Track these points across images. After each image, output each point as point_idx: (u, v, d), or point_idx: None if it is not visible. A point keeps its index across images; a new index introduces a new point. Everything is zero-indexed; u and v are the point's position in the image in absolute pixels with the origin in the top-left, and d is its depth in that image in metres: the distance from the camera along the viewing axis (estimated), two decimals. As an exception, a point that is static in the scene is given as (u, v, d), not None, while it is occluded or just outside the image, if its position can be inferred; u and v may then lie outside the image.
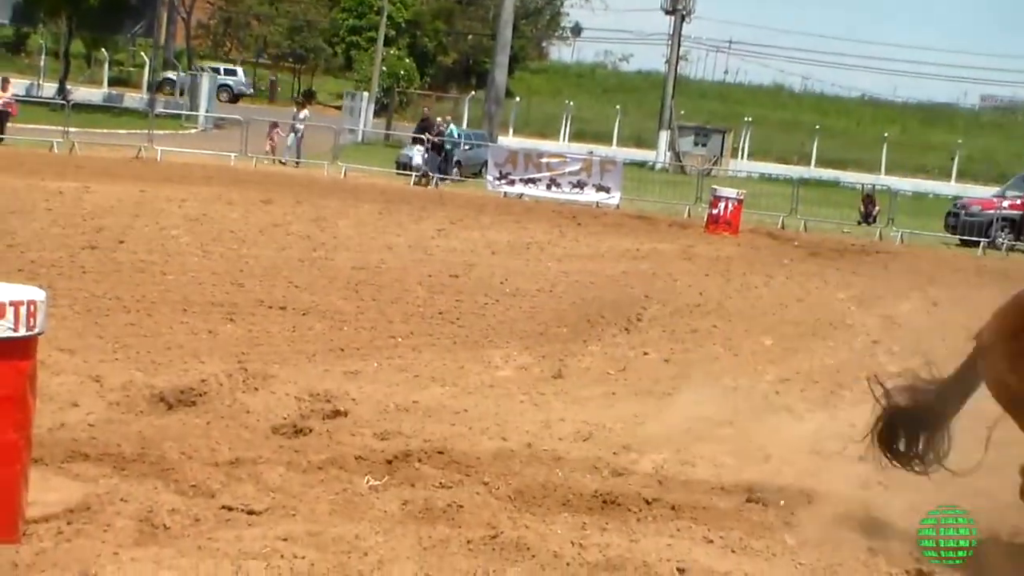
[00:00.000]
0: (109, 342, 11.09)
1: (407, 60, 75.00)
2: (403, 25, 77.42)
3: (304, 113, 42.86)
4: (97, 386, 9.16)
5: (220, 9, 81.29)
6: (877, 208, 37.31)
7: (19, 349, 5.81)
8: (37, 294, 5.94)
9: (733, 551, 6.82)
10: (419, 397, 9.79)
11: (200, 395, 9.06)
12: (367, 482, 7.48)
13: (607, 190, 35.25)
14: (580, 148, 51.81)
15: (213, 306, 13.59)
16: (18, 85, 47.50)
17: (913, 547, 6.53)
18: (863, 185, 43.80)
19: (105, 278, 14.61)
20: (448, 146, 40.56)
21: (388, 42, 69.92)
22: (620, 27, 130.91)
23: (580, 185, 35.46)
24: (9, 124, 37.39)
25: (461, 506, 7.03)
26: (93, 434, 7.92)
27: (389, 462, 7.83)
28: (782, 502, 7.64)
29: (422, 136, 40.08)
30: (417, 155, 39.34)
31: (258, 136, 40.41)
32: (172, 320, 12.56)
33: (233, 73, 68.90)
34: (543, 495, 7.44)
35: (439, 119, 43.54)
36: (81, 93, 57.17)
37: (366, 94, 60.39)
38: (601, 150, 50.30)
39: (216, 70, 68.58)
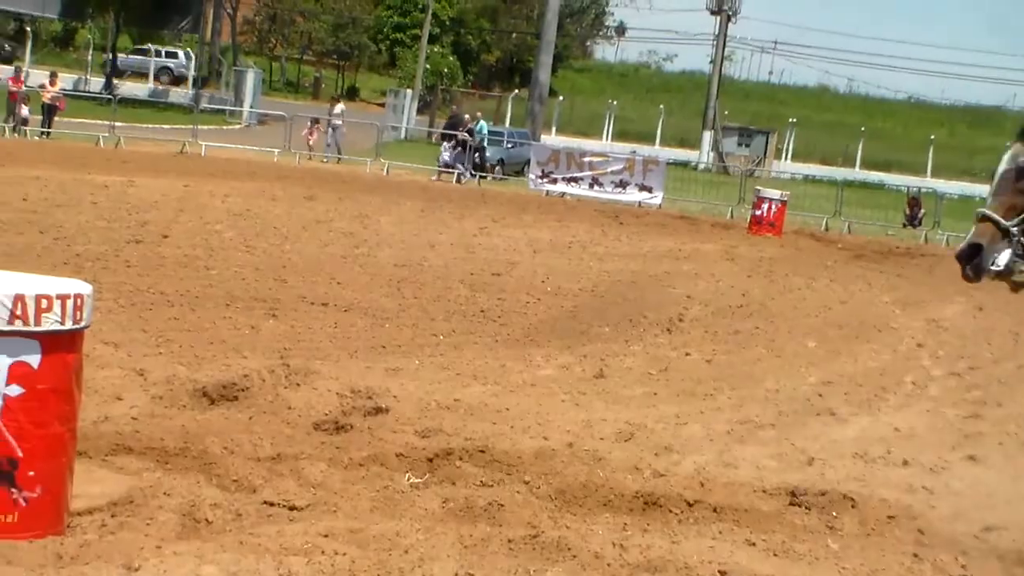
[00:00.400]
0: (153, 336, 11.17)
1: (451, 58, 75.11)
2: (447, 23, 77.60)
3: (339, 107, 43.03)
4: (141, 380, 9.21)
5: (266, 6, 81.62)
6: (922, 211, 37.03)
7: (65, 342, 5.84)
8: (83, 287, 5.97)
9: (775, 554, 6.78)
10: (461, 395, 9.78)
11: (242, 390, 9.08)
12: (408, 480, 7.47)
13: (650, 190, 35.15)
14: (623, 148, 51.64)
15: (256, 301, 13.66)
16: (66, 80, 47.91)
17: (958, 552, 6.48)
18: (908, 188, 43.52)
19: (149, 272, 14.71)
20: (478, 142, 40.56)
21: (432, 40, 70.13)
22: (665, 27, 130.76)
23: (623, 184, 35.39)
24: (56, 118, 37.74)
25: (502, 505, 7.02)
26: (137, 428, 7.96)
27: (430, 460, 7.82)
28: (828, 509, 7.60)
29: (452, 133, 40.20)
30: (446, 152, 39.52)
31: (303, 131, 40.68)
32: (215, 315, 12.63)
33: (174, 55, 69.03)
34: (584, 495, 7.42)
35: (467, 116, 43.59)
36: (127, 88, 57.55)
37: (409, 91, 60.52)
38: (644, 150, 50.15)
39: (158, 52, 68.87)
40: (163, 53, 69.58)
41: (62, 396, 5.87)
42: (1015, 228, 5.46)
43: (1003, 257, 5.50)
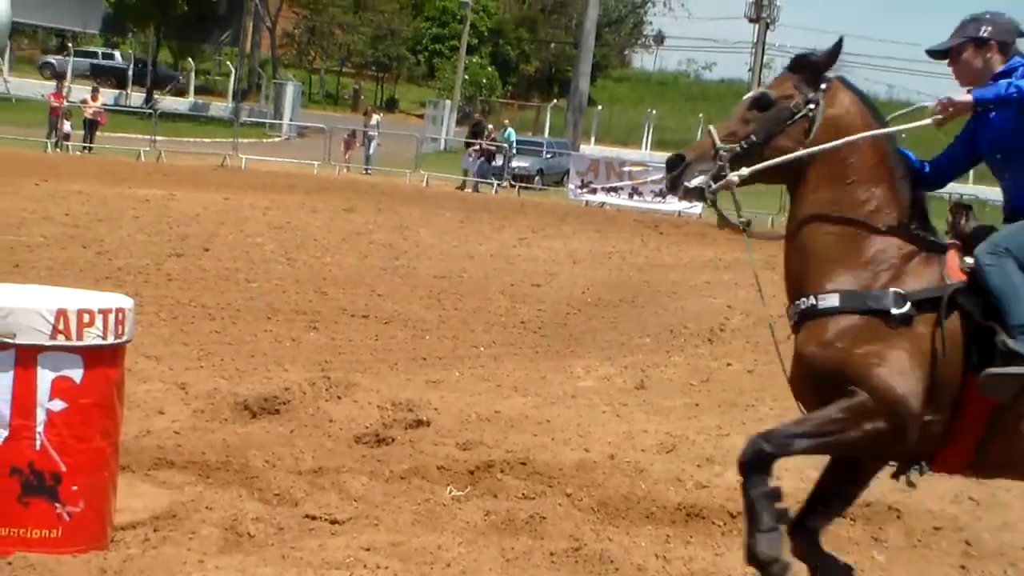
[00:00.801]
0: (194, 349, 11.20)
1: (489, 68, 75.29)
2: (486, 33, 77.72)
3: (375, 119, 43.20)
4: (182, 394, 9.24)
5: (304, 18, 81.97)
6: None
7: (107, 357, 5.88)
8: (125, 302, 6.01)
9: (820, 567, 6.74)
10: (501, 407, 9.75)
11: (283, 403, 9.10)
12: (449, 492, 7.48)
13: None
14: (663, 157, 51.32)
15: (297, 314, 13.68)
16: (107, 95, 48.28)
17: (1007, 564, 6.42)
18: (951, 194, 43.23)
19: (190, 285, 14.77)
20: (508, 150, 40.75)
21: (471, 50, 70.34)
22: (703, 35, 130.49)
23: (662, 194, 35.28)
24: (98, 133, 38.07)
25: (544, 517, 7.00)
26: (179, 441, 7.99)
27: (471, 472, 7.81)
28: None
29: (473, 142, 40.37)
30: (466, 160, 39.79)
31: (341, 144, 40.90)
32: (256, 328, 12.65)
33: (111, 57, 68.37)
34: (626, 507, 7.39)
35: (491, 125, 43.71)
36: (168, 102, 57.93)
37: (448, 102, 60.68)
38: (684, 159, 50.01)
39: (94, 54, 68.42)
40: (100, 54, 69.02)
41: (104, 410, 5.91)
42: (724, 152, 5.35)
43: (700, 178, 5.39)
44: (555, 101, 66.84)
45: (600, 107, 67.36)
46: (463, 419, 9.30)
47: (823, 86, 5.37)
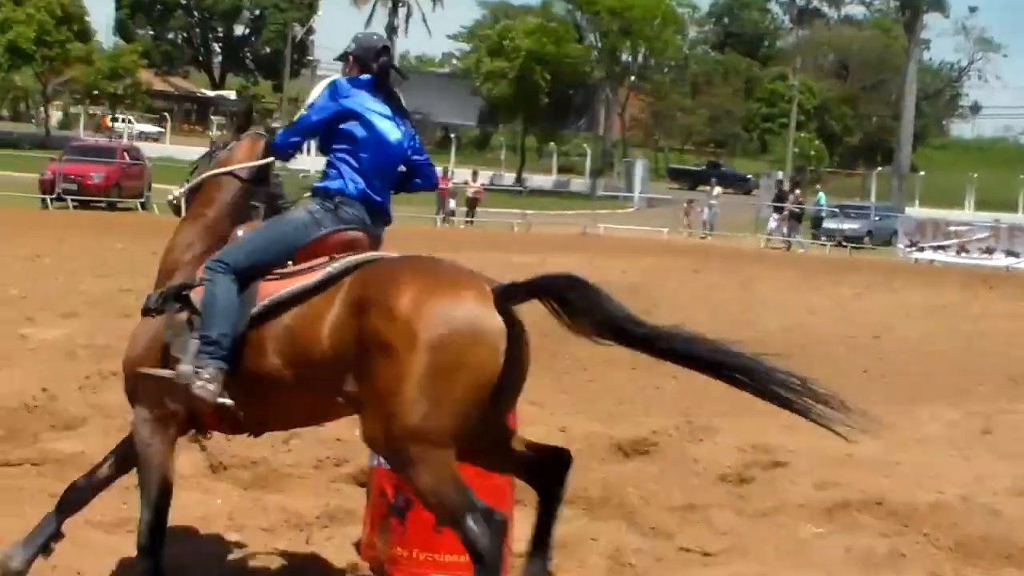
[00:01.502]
0: (571, 397, 11.20)
1: (816, 142, 73.87)
2: (812, 111, 76.40)
3: (717, 190, 43.31)
4: (563, 436, 9.17)
5: (650, 104, 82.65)
6: None
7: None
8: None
9: None
10: (852, 450, 9.14)
11: (652, 445, 8.93)
12: (809, 529, 7.15)
13: (1017, 255, 33.32)
14: (986, 216, 49.05)
15: (655, 364, 13.48)
16: (484, 176, 49.93)
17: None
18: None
19: (565, 340, 14.79)
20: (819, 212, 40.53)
21: (799, 126, 69.22)
22: (1020, 103, 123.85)
23: (989, 251, 33.81)
24: (478, 208, 39.43)
25: (903, 555, 6.59)
26: (564, 479, 7.94)
27: (828, 510, 7.45)
28: None
29: (780, 205, 39.61)
30: (772, 221, 39.23)
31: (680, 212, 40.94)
32: (623, 377, 12.52)
33: None
34: (984, 548, 6.85)
35: (798, 191, 42.84)
36: (535, 180, 59.41)
37: (781, 173, 59.82)
38: (1007, 217, 47.45)
39: None
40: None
41: (504, 451, 5.90)
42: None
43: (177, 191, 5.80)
44: (879, 168, 64.82)
45: (922, 173, 64.75)
46: (817, 461, 8.87)
47: (241, 137, 5.72)
